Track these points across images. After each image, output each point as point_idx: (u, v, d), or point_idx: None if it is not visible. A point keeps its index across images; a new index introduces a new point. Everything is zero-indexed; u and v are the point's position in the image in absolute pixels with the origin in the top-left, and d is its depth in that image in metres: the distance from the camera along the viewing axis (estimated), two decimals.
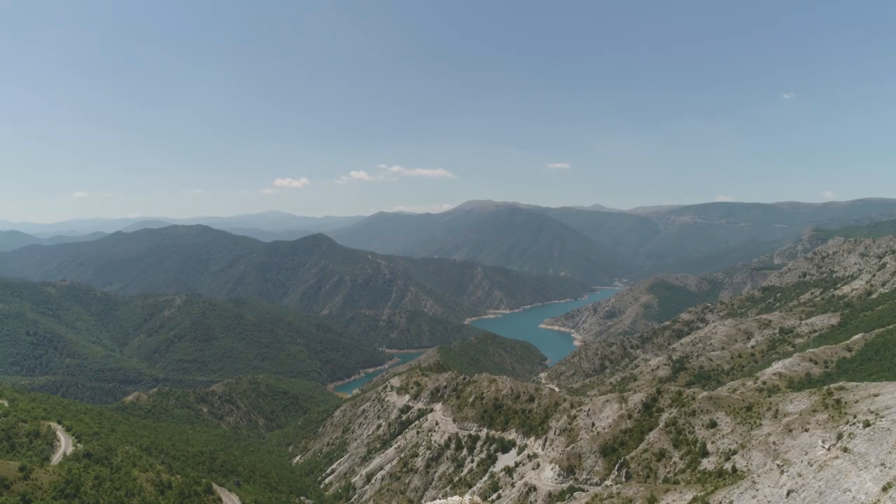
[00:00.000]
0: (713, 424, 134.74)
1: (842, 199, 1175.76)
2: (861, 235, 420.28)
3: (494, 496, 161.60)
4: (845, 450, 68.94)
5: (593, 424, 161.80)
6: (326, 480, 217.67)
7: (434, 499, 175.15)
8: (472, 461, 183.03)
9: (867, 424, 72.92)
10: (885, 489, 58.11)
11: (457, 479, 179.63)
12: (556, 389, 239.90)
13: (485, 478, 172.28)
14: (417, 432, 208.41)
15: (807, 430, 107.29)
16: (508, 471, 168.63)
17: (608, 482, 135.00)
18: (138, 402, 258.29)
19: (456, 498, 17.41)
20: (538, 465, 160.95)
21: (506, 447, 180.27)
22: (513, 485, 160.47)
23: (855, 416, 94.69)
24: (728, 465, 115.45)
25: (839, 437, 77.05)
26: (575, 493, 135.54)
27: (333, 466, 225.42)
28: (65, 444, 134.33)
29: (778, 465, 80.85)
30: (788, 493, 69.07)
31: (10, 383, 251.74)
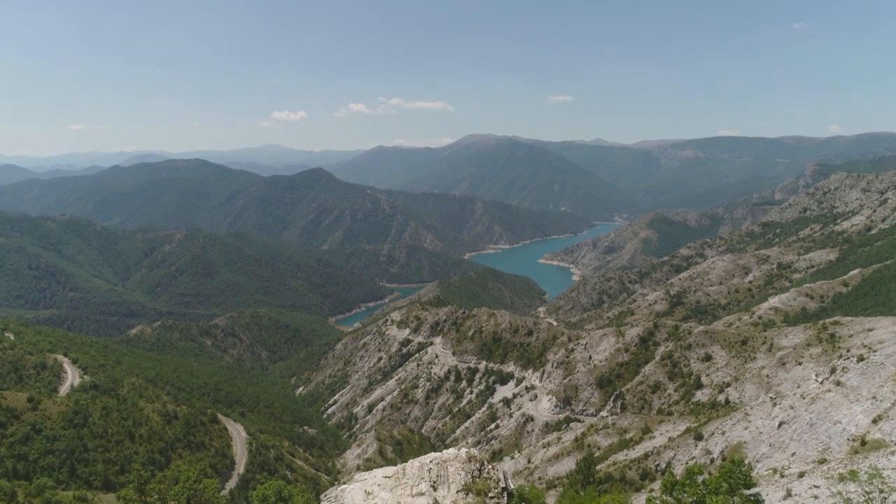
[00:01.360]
0: (708, 358, 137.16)
1: (847, 133, 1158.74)
2: (865, 170, 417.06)
3: (493, 426, 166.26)
4: (838, 383, 70.18)
5: (590, 357, 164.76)
6: (329, 411, 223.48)
7: (434, 429, 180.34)
8: (471, 393, 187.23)
9: (861, 359, 73.95)
10: (874, 421, 59.40)
11: (456, 409, 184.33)
12: (555, 323, 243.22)
13: (483, 408, 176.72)
14: (417, 365, 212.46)
15: (800, 364, 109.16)
16: (506, 402, 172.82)
17: (604, 413, 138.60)
18: (142, 335, 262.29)
19: (452, 450, 17.48)
20: (535, 396, 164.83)
21: (504, 379, 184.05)
22: (510, 415, 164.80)
23: (848, 351, 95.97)
24: (721, 397, 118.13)
25: (832, 370, 78.32)
26: (571, 424, 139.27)
27: (336, 397, 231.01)
28: (72, 376, 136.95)
29: (771, 397, 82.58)
30: (780, 424, 70.76)
31: (15, 317, 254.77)
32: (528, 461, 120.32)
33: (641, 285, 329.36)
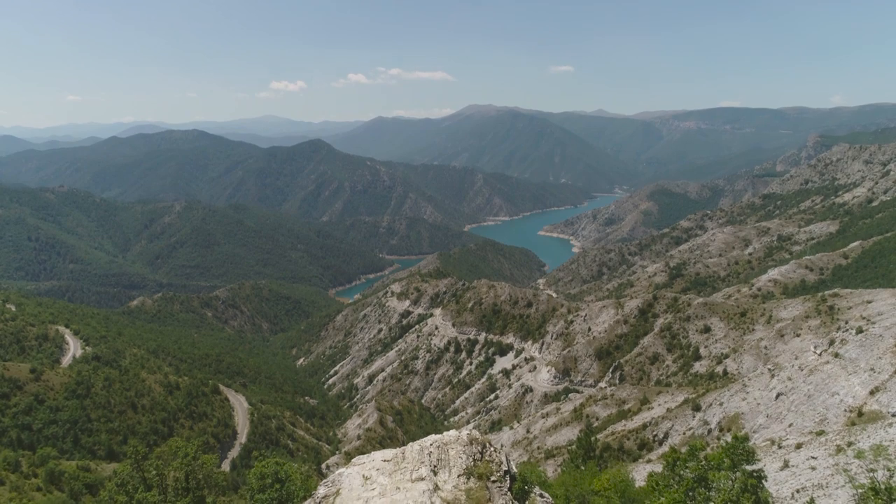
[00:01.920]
0: (707, 329, 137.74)
1: (851, 104, 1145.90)
2: (868, 142, 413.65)
3: (492, 396, 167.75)
4: (836, 355, 70.49)
5: (589, 329, 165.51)
6: (330, 381, 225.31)
7: (434, 399, 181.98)
8: (471, 364, 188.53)
9: (860, 331, 74.20)
10: (872, 393, 59.79)
11: (455, 380, 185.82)
12: (554, 295, 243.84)
13: (483, 379, 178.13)
14: (417, 336, 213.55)
15: (798, 336, 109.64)
16: (506, 373, 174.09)
17: (602, 384, 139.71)
18: (143, 307, 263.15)
19: (453, 432, 17.37)
20: (535, 367, 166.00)
21: (503, 350, 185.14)
22: (510, 386, 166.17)
23: (847, 323, 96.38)
24: (719, 369, 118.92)
25: (831, 342, 78.69)
26: (570, 395, 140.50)
27: (336, 368, 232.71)
28: (73, 347, 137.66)
29: (769, 369, 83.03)
30: (778, 395, 71.26)
31: (15, 288, 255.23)
32: (527, 431, 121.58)
33: (641, 257, 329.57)
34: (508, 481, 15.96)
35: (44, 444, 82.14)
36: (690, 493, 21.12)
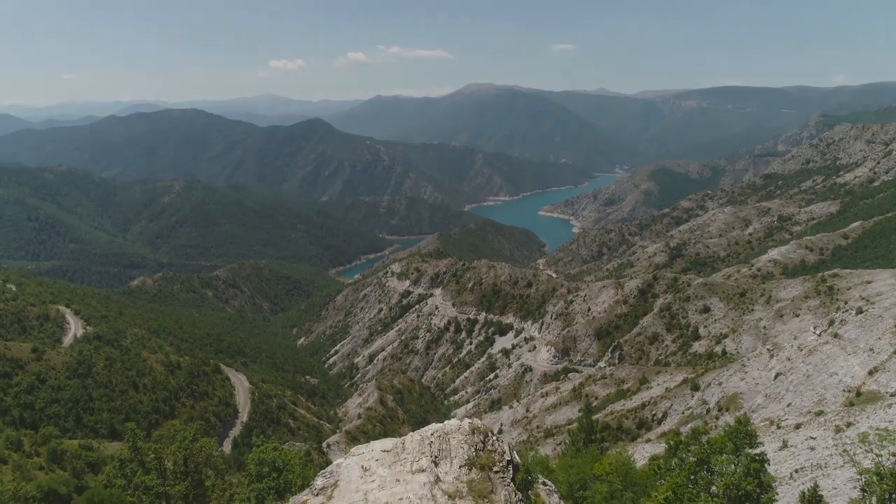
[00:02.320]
0: (706, 310, 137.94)
1: (854, 83, 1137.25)
2: (870, 121, 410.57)
3: (492, 376, 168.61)
4: (835, 335, 70.56)
5: (589, 309, 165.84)
6: (330, 361, 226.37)
7: (434, 378, 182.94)
8: (471, 343, 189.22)
9: (859, 311, 74.19)
10: (871, 373, 59.88)
11: (455, 360, 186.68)
12: (554, 275, 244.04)
13: (482, 359, 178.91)
14: (418, 316, 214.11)
15: (798, 316, 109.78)
16: (505, 352, 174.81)
17: (602, 364, 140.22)
18: (144, 287, 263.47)
19: (455, 421, 17.19)
20: (534, 347, 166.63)
21: (503, 330, 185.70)
22: (510, 365, 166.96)
23: (846, 303, 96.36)
24: (718, 349, 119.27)
25: (830, 323, 78.75)
26: (569, 374, 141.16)
27: (337, 348, 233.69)
28: (74, 327, 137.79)
29: (768, 349, 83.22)
30: (776, 375, 71.45)
31: (16, 268, 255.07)
32: (527, 410, 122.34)
33: (641, 237, 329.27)
34: (511, 471, 15.76)
35: (46, 423, 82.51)
36: (692, 478, 21.17)
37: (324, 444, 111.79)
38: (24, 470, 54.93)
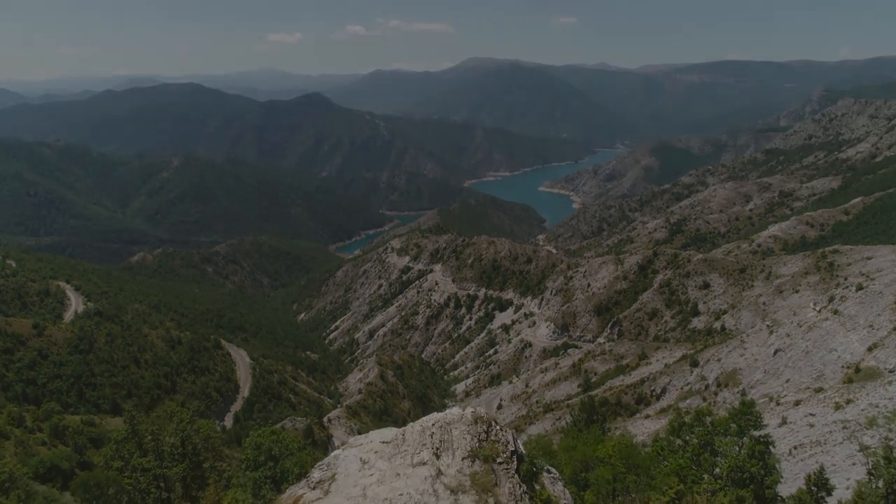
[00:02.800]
0: (706, 286, 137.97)
1: (858, 57, 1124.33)
2: (874, 96, 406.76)
3: (491, 351, 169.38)
4: (835, 312, 70.53)
5: (589, 285, 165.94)
6: (330, 336, 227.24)
7: (434, 354, 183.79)
8: (471, 319, 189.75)
9: (859, 287, 74.02)
10: (870, 349, 59.94)
11: (455, 335, 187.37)
12: (554, 251, 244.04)
13: (482, 334, 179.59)
14: (418, 292, 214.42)
15: (797, 292, 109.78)
16: (505, 328, 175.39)
17: (601, 340, 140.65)
18: (144, 262, 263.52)
19: (457, 410, 16.96)
20: (534, 323, 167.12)
21: (503, 306, 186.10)
22: (509, 341, 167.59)
23: (847, 279, 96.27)
24: (718, 325, 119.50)
25: (830, 299, 78.66)
26: (569, 350, 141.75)
27: (337, 323, 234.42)
28: (75, 303, 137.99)
29: (767, 325, 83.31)
30: (776, 352, 71.60)
31: (16, 243, 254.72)
32: (526, 386, 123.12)
33: (642, 213, 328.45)
34: (515, 462, 15.52)
35: (48, 398, 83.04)
36: (696, 459, 21.15)
37: (325, 419, 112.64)
38: (26, 445, 55.29)
